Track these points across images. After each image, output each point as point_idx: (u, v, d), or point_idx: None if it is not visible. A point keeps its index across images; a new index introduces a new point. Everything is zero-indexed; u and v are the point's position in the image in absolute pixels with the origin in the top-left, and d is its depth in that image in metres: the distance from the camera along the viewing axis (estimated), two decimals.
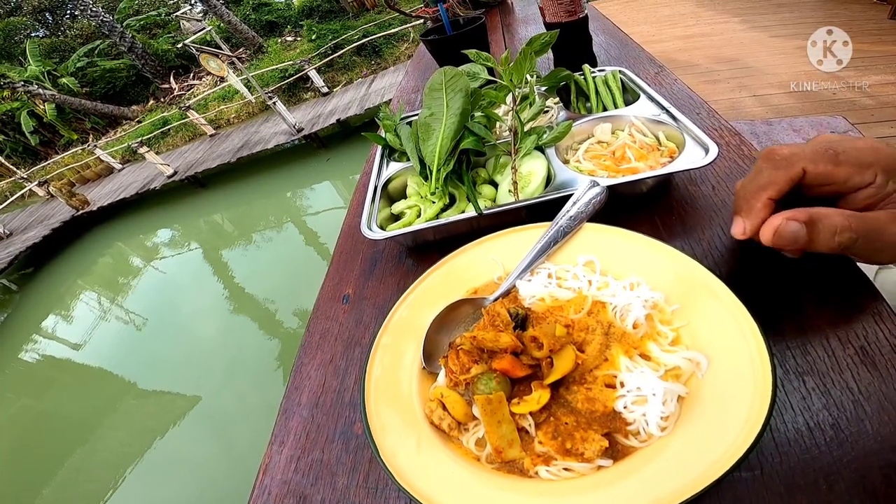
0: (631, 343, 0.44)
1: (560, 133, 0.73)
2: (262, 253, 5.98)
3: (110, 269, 7.48)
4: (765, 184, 0.36)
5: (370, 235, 0.70)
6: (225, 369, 4.22)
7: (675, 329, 0.44)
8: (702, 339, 0.42)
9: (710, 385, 0.39)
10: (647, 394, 0.39)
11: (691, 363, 0.40)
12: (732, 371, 0.38)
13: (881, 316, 0.44)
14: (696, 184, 0.67)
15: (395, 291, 0.71)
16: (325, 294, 0.77)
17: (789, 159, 0.35)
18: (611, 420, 0.40)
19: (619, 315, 0.47)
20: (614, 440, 0.39)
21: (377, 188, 0.81)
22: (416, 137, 0.79)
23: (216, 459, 3.24)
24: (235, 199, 7.34)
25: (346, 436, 0.54)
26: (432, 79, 0.78)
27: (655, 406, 0.38)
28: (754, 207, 0.37)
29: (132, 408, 4.28)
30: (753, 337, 0.39)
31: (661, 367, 0.41)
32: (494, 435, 0.40)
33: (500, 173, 0.76)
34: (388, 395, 0.49)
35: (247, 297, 5.20)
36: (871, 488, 0.36)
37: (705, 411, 0.37)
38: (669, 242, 0.50)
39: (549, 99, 0.90)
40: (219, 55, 6.59)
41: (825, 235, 0.35)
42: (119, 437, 4.00)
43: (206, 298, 5.43)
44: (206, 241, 6.93)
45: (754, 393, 0.35)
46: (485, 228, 0.65)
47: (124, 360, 4.97)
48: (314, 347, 0.68)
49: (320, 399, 0.60)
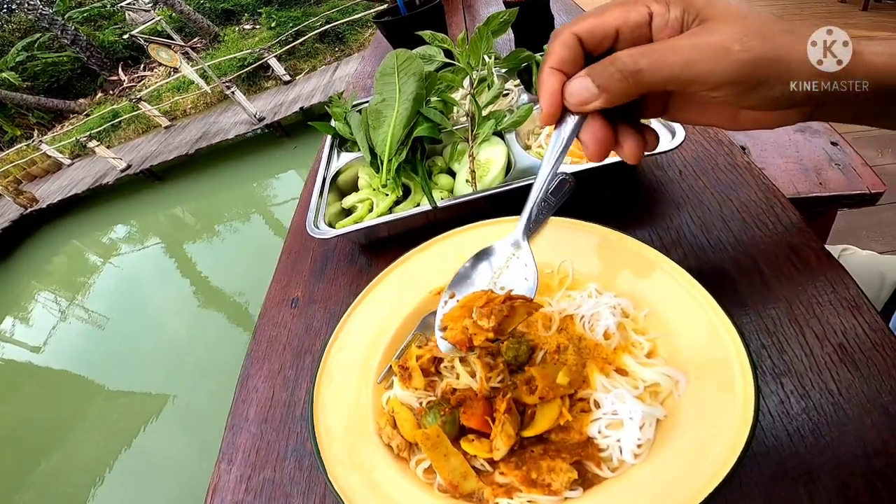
0: (604, 357, 0.39)
1: (520, 117, 0.68)
2: (228, 245, 5.77)
3: (66, 267, 7.13)
4: (546, 58, 0.33)
5: (317, 234, 0.64)
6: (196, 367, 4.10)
7: (651, 339, 0.39)
8: (677, 349, 0.38)
9: (686, 402, 0.35)
10: (624, 417, 0.34)
11: (670, 380, 0.36)
12: (710, 386, 0.35)
13: (859, 310, 0.41)
14: (662, 168, 0.64)
15: (348, 293, 0.66)
16: (272, 298, 0.71)
17: (562, 31, 0.32)
18: (582, 447, 0.35)
19: (587, 325, 0.42)
20: (584, 468, 0.35)
21: (325, 181, 0.74)
22: (367, 125, 0.72)
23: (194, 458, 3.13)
24: (196, 191, 7.05)
25: (300, 453, 0.50)
26: (384, 63, 0.72)
27: (632, 431, 0.34)
28: (543, 86, 0.33)
29: (103, 409, 4.12)
30: (732, 341, 0.35)
31: (640, 384, 0.37)
32: (443, 470, 0.35)
33: (458, 161, 0.71)
34: (339, 410, 0.44)
35: (215, 292, 5.03)
36: (854, 496, 0.34)
37: (681, 434, 0.33)
38: (636, 233, 0.47)
39: (508, 81, 0.84)
40: (170, 45, 6.28)
41: (610, 78, 0.30)
42: (93, 438, 3.86)
43: (171, 294, 5.23)
44: (167, 236, 6.64)
45: (734, 412, 0.32)
46: (444, 222, 0.60)
47: (89, 361, 4.78)
48: (261, 357, 0.63)
49: (269, 413, 0.55)
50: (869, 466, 0.34)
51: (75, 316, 5.73)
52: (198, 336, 4.46)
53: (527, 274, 0.46)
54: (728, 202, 0.55)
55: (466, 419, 0.38)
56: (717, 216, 0.54)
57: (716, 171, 0.60)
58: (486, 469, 0.37)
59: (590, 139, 0.34)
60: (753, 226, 0.51)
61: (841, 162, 1.09)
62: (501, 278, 0.47)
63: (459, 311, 0.43)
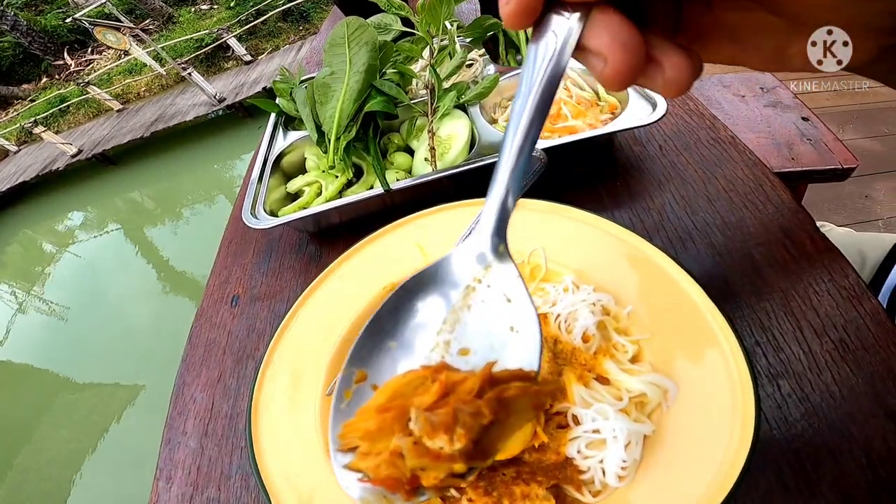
0: (583, 363, 0.33)
1: (485, 88, 0.61)
2: (191, 228, 5.59)
3: (20, 258, 6.84)
4: None
5: (254, 224, 0.56)
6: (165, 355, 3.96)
7: (635, 341, 0.34)
8: (665, 353, 0.33)
9: (676, 415, 0.30)
10: (607, 436, 0.29)
11: (658, 389, 0.31)
12: (702, 396, 0.30)
13: (860, 299, 0.37)
14: (641, 144, 0.58)
15: (295, 288, 0.59)
16: (209, 296, 0.64)
17: None
18: (560, 469, 0.30)
19: (563, 326, 0.36)
20: (562, 492, 0.30)
21: (266, 164, 0.65)
22: (313, 101, 0.64)
23: None
24: (154, 175, 6.82)
25: (245, 470, 0.45)
26: (333, 32, 0.64)
27: (616, 451, 0.28)
28: None
29: (71, 403, 4.00)
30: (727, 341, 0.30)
31: (625, 395, 0.31)
32: None
33: (417, 139, 0.64)
34: (283, 427, 0.39)
35: (180, 277, 4.90)
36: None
37: (672, 452, 0.28)
38: (615, 215, 0.42)
39: (473, 51, 0.77)
40: (119, 28, 5.92)
41: None
42: (63, 434, 3.76)
43: (133, 281, 5.06)
44: (126, 221, 6.39)
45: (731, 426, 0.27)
46: (401, 206, 0.54)
47: (53, 354, 4.62)
48: (198, 363, 0.56)
49: (209, 427, 0.49)
50: (874, 477, 0.31)
51: (34, 307, 5.51)
52: (165, 323, 4.30)
53: (514, 316, 0.26)
54: (713, 180, 0.50)
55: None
56: (702, 195, 0.49)
57: (698, 146, 0.55)
58: (453, 495, 0.32)
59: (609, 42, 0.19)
60: (742, 206, 0.46)
61: (812, 137, 1.07)
62: (460, 330, 0.27)
63: (380, 418, 0.24)
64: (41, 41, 10.17)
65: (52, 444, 3.70)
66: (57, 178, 7.34)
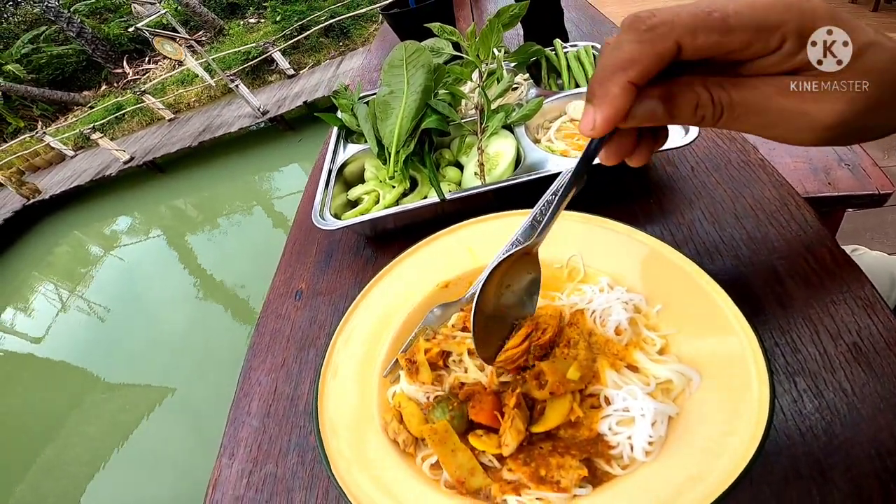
0: (615, 353, 0.39)
1: (530, 110, 0.67)
2: (229, 238, 5.72)
3: (68, 258, 7.09)
4: (624, 62, 0.25)
5: (322, 225, 0.63)
6: (197, 360, 4.06)
7: (663, 336, 0.39)
8: (689, 346, 0.38)
9: (698, 401, 0.34)
10: (636, 414, 0.34)
11: (683, 378, 0.35)
12: (723, 385, 0.34)
13: (874, 308, 0.40)
14: (674, 164, 0.63)
15: (353, 285, 0.65)
16: (275, 290, 0.71)
17: (657, 29, 0.25)
18: (592, 444, 0.35)
19: (598, 320, 0.41)
20: (593, 465, 0.34)
21: (331, 172, 0.73)
22: (374, 117, 0.72)
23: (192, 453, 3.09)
24: (198, 183, 7.01)
25: (302, 448, 0.49)
26: (392, 54, 0.71)
27: (643, 428, 0.33)
28: (609, 93, 0.26)
29: (100, 402, 4.07)
30: (748, 339, 0.34)
31: (652, 381, 0.36)
32: (451, 465, 0.35)
33: (466, 154, 0.70)
34: (344, 405, 0.44)
35: (216, 284, 4.99)
36: (868, 498, 0.33)
37: (694, 433, 0.33)
38: (647, 228, 0.46)
39: (518, 75, 0.83)
40: (175, 38, 6.24)
41: (685, 110, 0.27)
42: (90, 432, 3.82)
43: (172, 286, 5.18)
44: (169, 228, 6.60)
45: (748, 412, 0.31)
46: (451, 215, 0.59)
47: (88, 353, 4.75)
48: (264, 350, 0.62)
49: (272, 408, 0.54)
50: (883, 467, 0.34)
51: (76, 307, 5.69)
52: (199, 329, 4.41)
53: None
54: (741, 199, 0.54)
55: (475, 414, 0.37)
56: (729, 213, 0.53)
57: (728, 167, 0.59)
58: (494, 465, 0.37)
59: (614, 151, 0.32)
60: (767, 223, 0.50)
61: (850, 162, 1.08)
62: None
63: None
64: (103, 49, 10.53)
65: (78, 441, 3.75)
66: (109, 183, 7.61)
